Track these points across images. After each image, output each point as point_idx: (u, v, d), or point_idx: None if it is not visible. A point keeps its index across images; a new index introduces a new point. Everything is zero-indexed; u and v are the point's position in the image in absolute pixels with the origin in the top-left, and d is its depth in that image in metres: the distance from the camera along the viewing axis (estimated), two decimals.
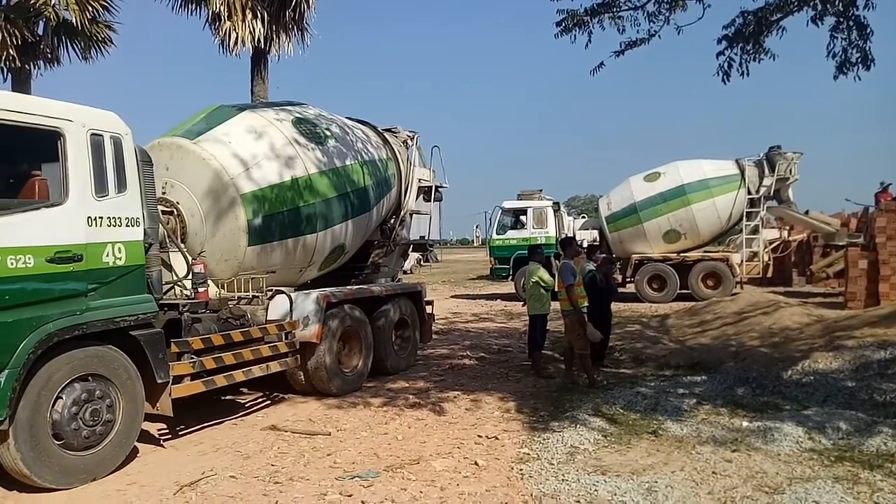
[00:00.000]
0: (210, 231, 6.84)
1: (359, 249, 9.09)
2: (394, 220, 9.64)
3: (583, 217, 22.00)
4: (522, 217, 20.02)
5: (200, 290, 6.23)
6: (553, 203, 20.12)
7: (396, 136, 9.86)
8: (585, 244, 15.62)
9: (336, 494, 4.55)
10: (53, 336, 4.60)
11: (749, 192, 17.43)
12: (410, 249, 10.93)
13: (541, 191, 20.59)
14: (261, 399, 7.58)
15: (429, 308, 9.81)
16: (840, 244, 16.77)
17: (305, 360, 7.23)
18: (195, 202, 6.79)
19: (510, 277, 19.68)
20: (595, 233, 19.30)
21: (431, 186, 10.48)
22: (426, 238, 10.78)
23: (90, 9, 14.04)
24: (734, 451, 5.16)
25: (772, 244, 18.46)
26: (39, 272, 4.57)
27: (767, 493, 4.33)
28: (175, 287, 6.33)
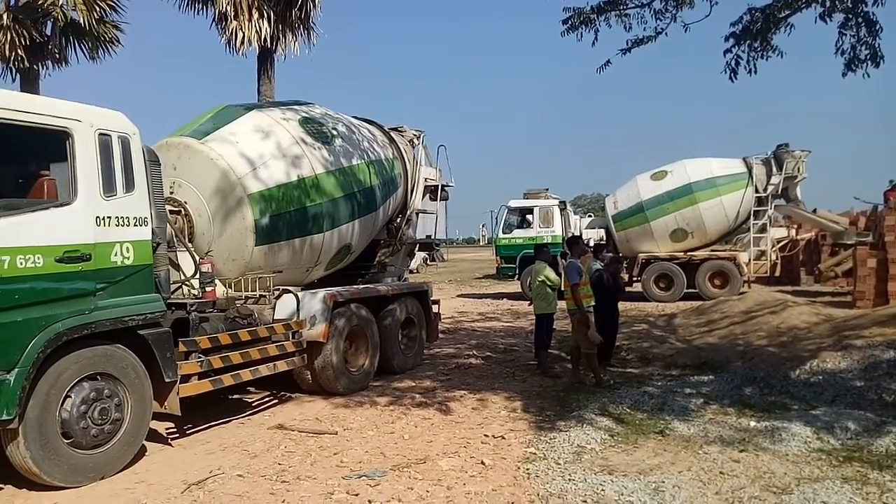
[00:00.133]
0: (217, 231, 6.86)
1: (365, 249, 9.10)
2: (400, 220, 9.65)
3: (589, 216, 21.96)
4: (529, 216, 20.01)
5: (208, 290, 6.26)
6: (559, 202, 20.09)
7: (403, 136, 9.86)
8: (592, 243, 15.61)
9: (343, 493, 4.56)
10: (62, 335, 4.63)
11: (757, 191, 17.35)
12: (417, 249, 10.92)
13: (547, 190, 20.57)
14: (268, 398, 7.61)
15: (435, 307, 9.82)
16: (849, 243, 16.71)
17: (312, 360, 7.25)
18: (203, 202, 6.81)
19: (516, 276, 19.66)
20: (602, 232, 19.26)
21: (438, 185, 10.48)
22: (432, 237, 10.78)
23: (98, 9, 14.12)
24: (742, 451, 5.14)
25: (780, 243, 18.36)
26: (48, 272, 4.60)
27: (775, 494, 4.31)
28: (183, 286, 6.35)
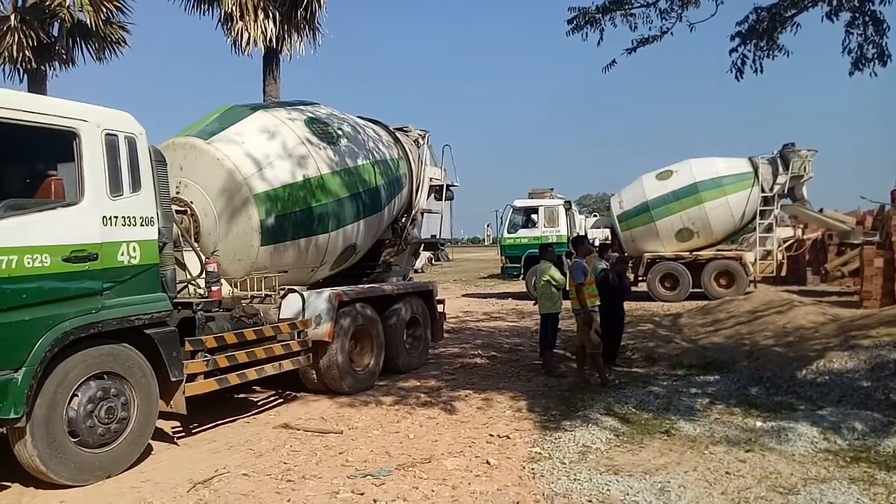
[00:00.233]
0: (223, 230, 6.88)
1: (370, 248, 9.11)
2: (405, 219, 9.65)
3: (594, 215, 21.93)
4: (534, 216, 20.00)
5: (214, 289, 6.28)
6: (564, 202, 20.08)
7: (408, 135, 9.87)
8: (597, 243, 15.57)
9: (348, 493, 4.57)
10: (69, 334, 4.65)
11: (763, 191, 17.30)
12: (422, 248, 10.95)
13: (552, 189, 20.55)
14: (273, 397, 7.62)
15: (440, 307, 9.82)
16: (855, 242, 16.60)
17: (317, 359, 7.26)
18: (209, 202, 6.84)
19: (521, 276, 19.66)
20: (607, 231, 19.24)
21: (442, 185, 10.48)
22: (437, 237, 10.79)
23: (104, 10, 14.18)
24: (748, 452, 5.13)
25: (786, 242, 18.30)
26: (55, 271, 4.62)
27: (782, 494, 4.30)
28: (189, 286, 6.38)
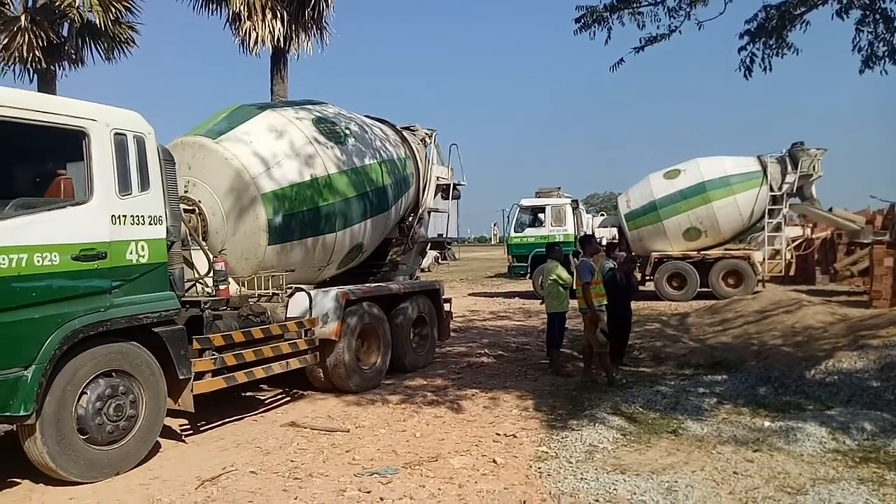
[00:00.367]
0: (231, 229, 6.91)
1: (377, 247, 9.12)
2: (412, 218, 9.66)
3: (601, 215, 21.88)
4: (541, 215, 19.98)
5: (221, 288, 6.31)
6: (571, 201, 20.04)
7: (415, 134, 9.87)
8: (604, 242, 15.54)
9: (355, 491, 4.58)
10: (78, 332, 4.68)
11: (771, 190, 17.21)
12: (428, 247, 10.94)
13: (559, 188, 20.53)
14: (280, 396, 7.65)
15: (447, 306, 9.82)
16: (865, 242, 16.50)
17: (324, 357, 7.28)
18: (216, 201, 6.86)
19: (528, 275, 19.64)
20: (614, 230, 19.18)
21: (449, 184, 10.49)
22: (444, 236, 10.79)
23: (113, 10, 14.28)
24: (756, 451, 5.11)
25: (794, 242, 18.21)
26: (65, 270, 4.65)
27: (790, 494, 4.28)
28: (197, 284, 6.40)
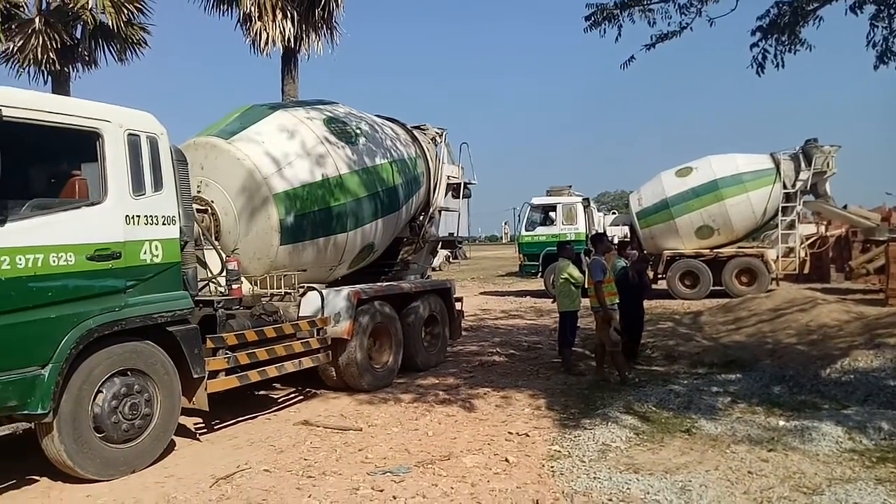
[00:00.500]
0: (243, 229, 6.94)
1: (388, 246, 9.14)
2: (423, 218, 9.67)
3: (613, 213, 21.79)
4: (552, 213, 19.93)
5: (234, 287, 6.34)
6: (583, 199, 19.97)
7: (425, 134, 9.87)
8: (616, 240, 15.47)
9: (368, 489, 4.59)
10: (94, 332, 4.73)
11: (785, 187, 17.06)
12: (439, 246, 10.94)
13: (570, 187, 20.47)
14: (293, 394, 7.68)
15: (458, 305, 9.83)
16: (881, 239, 16.30)
17: (337, 356, 7.30)
18: (229, 201, 6.90)
19: (539, 274, 19.59)
20: (626, 229, 19.09)
21: (460, 183, 10.48)
22: (455, 235, 10.79)
23: (125, 11, 14.37)
24: (771, 451, 5.07)
25: (809, 239, 18.02)
26: (80, 269, 4.70)
27: (806, 494, 4.24)
28: (210, 284, 6.45)
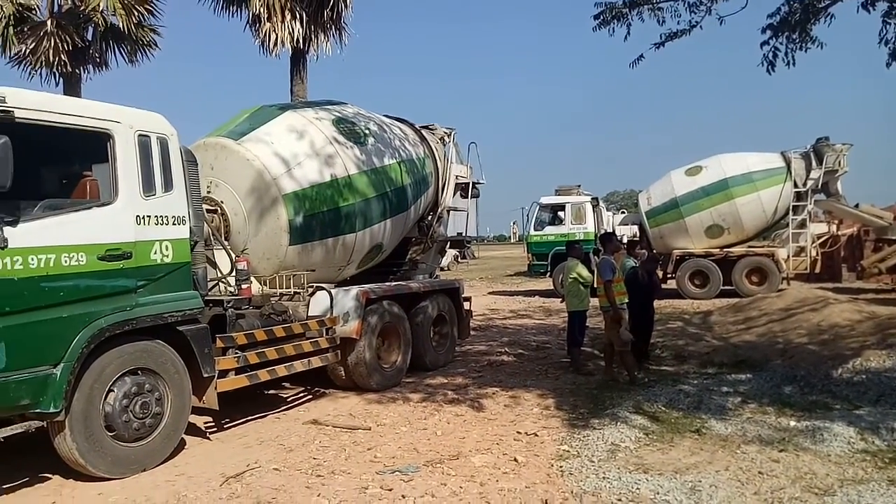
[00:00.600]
0: (253, 230, 6.97)
1: (397, 246, 9.15)
2: (431, 217, 9.67)
3: (622, 212, 21.76)
4: (560, 213, 19.89)
5: (244, 287, 6.37)
6: (592, 198, 19.92)
7: (434, 133, 9.88)
8: (625, 239, 15.42)
9: (377, 488, 4.61)
10: (105, 331, 4.76)
11: (795, 186, 16.94)
12: (448, 246, 10.95)
13: (579, 186, 20.43)
14: (302, 394, 7.71)
15: (466, 304, 9.83)
16: (893, 238, 16.18)
17: (346, 356, 7.32)
18: (238, 201, 6.93)
19: (548, 274, 19.55)
20: (635, 228, 19.04)
21: (468, 183, 10.49)
22: (463, 234, 10.79)
23: (136, 14, 14.46)
24: (781, 451, 5.04)
25: (820, 239, 17.88)
26: (91, 269, 4.74)
27: (817, 495, 4.21)
28: (219, 284, 6.48)
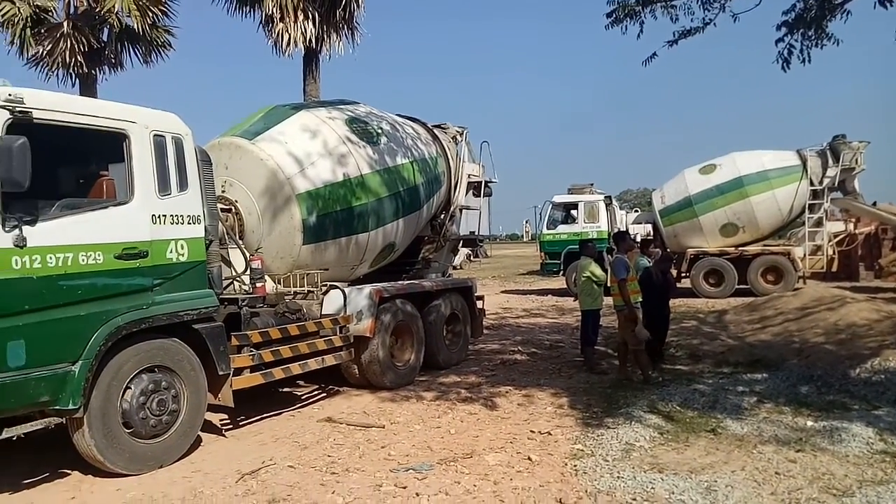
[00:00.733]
0: (267, 229, 7.01)
1: (409, 245, 9.16)
2: (444, 216, 9.67)
3: (635, 211, 21.64)
4: (573, 211, 19.82)
5: (258, 286, 6.41)
6: (605, 197, 19.84)
7: (446, 132, 9.88)
8: (639, 238, 15.34)
9: (391, 486, 4.62)
10: (122, 329, 4.81)
11: (812, 184, 16.75)
12: (460, 245, 10.95)
13: (592, 184, 20.35)
14: (316, 391, 7.75)
15: (479, 303, 9.82)
16: None
17: (359, 354, 7.34)
18: (252, 200, 6.97)
19: (561, 272, 19.49)
20: (648, 227, 18.92)
21: (481, 182, 10.47)
22: (476, 233, 10.79)
23: (150, 15, 14.58)
24: (798, 452, 4.99)
25: (836, 237, 17.67)
26: (108, 268, 4.79)
27: (835, 496, 4.17)
28: (234, 282, 6.51)
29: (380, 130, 8.34)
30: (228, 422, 6.40)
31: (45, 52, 14.17)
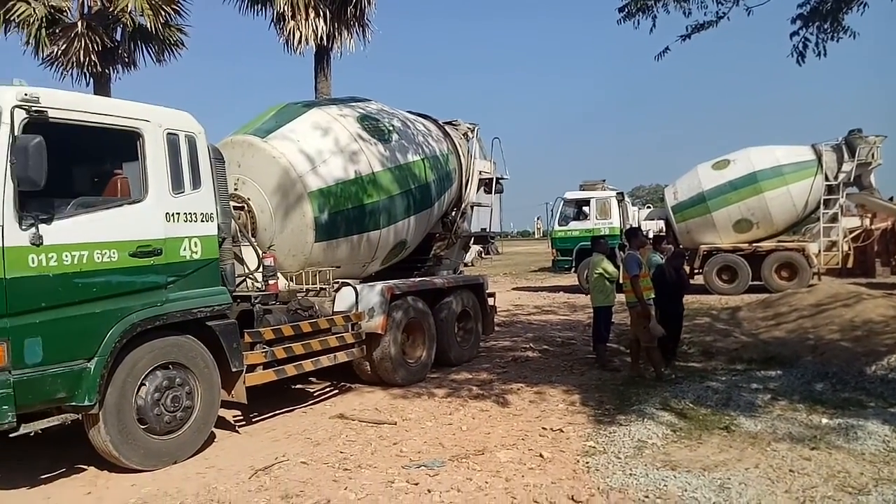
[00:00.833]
0: (279, 226, 7.04)
1: (421, 242, 9.17)
2: (455, 213, 9.67)
3: (648, 207, 21.51)
4: (585, 208, 19.73)
5: (271, 283, 6.45)
6: (617, 193, 19.73)
7: (457, 129, 9.87)
8: (651, 235, 15.26)
9: (403, 482, 4.63)
10: (137, 326, 4.87)
11: (827, 179, 16.57)
12: (472, 242, 10.94)
13: (604, 181, 20.24)
14: (329, 388, 7.79)
15: (491, 300, 9.82)
16: None
17: (371, 351, 7.37)
18: (265, 198, 7.01)
19: (573, 269, 19.42)
20: (661, 223, 18.80)
21: (492, 178, 10.46)
22: (487, 230, 10.78)
23: (163, 14, 14.66)
24: (813, 449, 4.95)
25: (852, 233, 17.47)
26: (123, 266, 4.84)
27: (851, 494, 4.14)
28: (247, 279, 6.56)
29: (391, 128, 8.35)
30: (241, 418, 6.45)
31: (60, 52, 14.29)
